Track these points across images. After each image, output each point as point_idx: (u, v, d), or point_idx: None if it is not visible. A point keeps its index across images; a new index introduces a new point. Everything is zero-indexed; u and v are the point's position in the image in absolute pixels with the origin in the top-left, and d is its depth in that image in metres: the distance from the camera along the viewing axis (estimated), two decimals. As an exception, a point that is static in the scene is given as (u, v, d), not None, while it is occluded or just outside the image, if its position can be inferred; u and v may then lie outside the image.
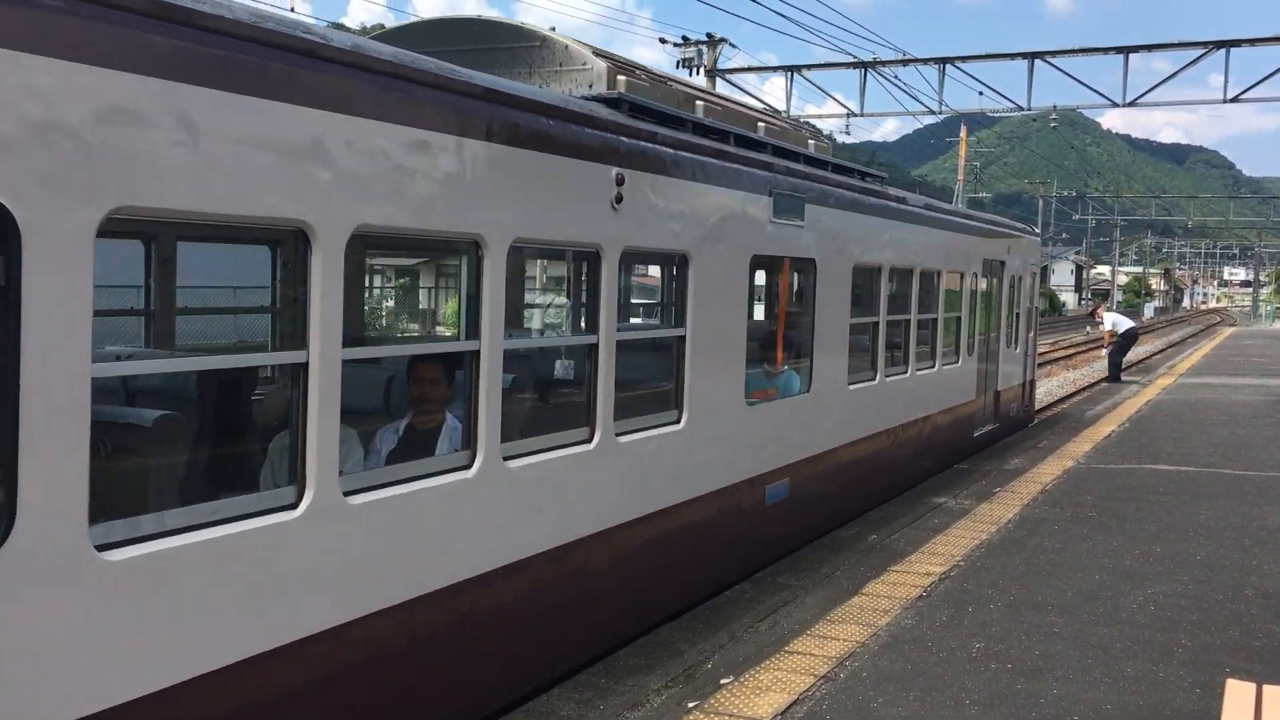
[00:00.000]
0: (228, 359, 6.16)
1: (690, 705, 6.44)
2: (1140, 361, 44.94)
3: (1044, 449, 16.92)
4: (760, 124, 10.05)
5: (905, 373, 13.28)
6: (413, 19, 9.54)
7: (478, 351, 6.04)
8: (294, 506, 4.91)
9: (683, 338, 8.20)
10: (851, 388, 11.47)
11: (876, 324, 12.20)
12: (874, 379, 12.14)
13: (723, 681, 6.83)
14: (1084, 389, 33.16)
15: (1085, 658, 7.35)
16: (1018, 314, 19.09)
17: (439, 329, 18.97)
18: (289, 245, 5.07)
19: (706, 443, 8.58)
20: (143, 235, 6.32)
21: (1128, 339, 27.63)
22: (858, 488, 11.96)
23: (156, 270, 6.49)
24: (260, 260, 6.96)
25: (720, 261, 8.58)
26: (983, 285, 16.72)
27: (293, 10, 20.20)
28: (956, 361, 15.41)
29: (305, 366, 4.92)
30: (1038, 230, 22.11)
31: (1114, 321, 28.03)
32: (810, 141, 11.20)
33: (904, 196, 13.33)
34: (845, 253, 11.07)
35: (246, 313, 8.58)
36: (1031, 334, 20.56)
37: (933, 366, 14.31)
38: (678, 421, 8.16)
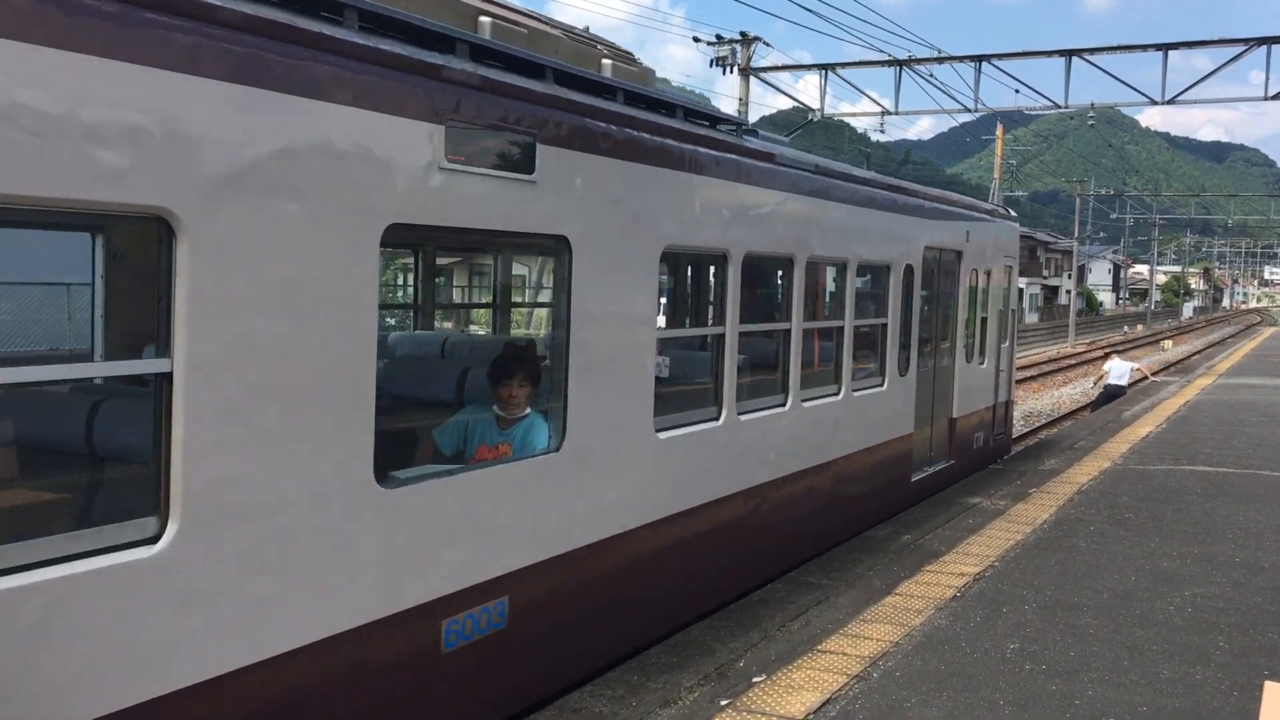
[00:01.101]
0: None
1: (723, 703, 6.45)
2: (1179, 362, 44.50)
3: (1080, 449, 16.78)
4: (484, 18, 6.41)
5: (783, 405, 9.50)
6: None
7: None
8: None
9: (169, 376, 4.38)
10: (667, 435, 7.70)
11: (720, 338, 8.45)
12: (717, 418, 8.40)
13: (755, 680, 6.83)
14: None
15: (1121, 659, 7.29)
16: (984, 319, 15.10)
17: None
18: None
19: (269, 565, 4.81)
20: None
21: (1110, 395, 24.62)
22: (679, 586, 8.09)
23: None
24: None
25: (285, 233, 4.78)
26: (925, 282, 12.89)
27: None
28: (881, 384, 11.62)
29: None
30: (1013, 213, 17.35)
31: (1111, 368, 25.01)
32: (606, 61, 7.56)
33: (775, 152, 9.23)
34: (642, 230, 7.26)
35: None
36: (1007, 344, 16.49)
37: (836, 394, 10.56)
38: (155, 540, 4.35)
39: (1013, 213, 17.42)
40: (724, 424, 8.49)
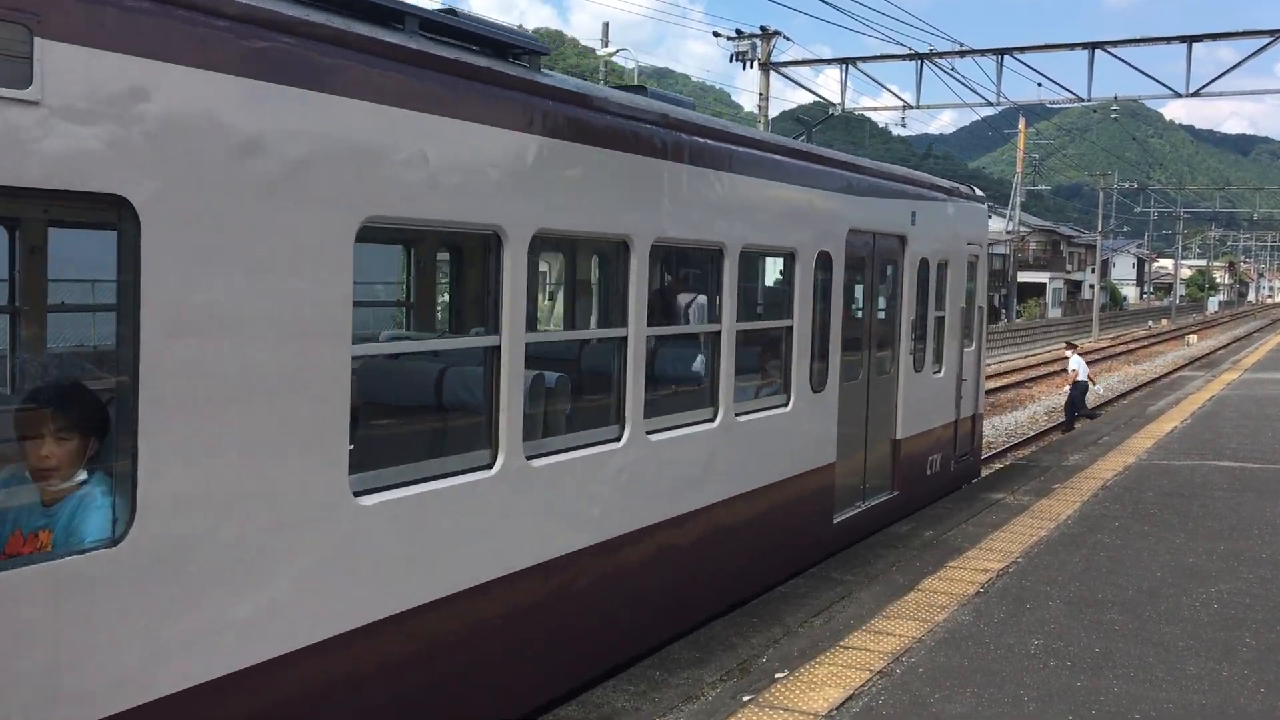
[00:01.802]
0: None
1: (745, 699, 6.44)
2: (1205, 357, 44.20)
3: (1104, 445, 16.68)
4: None
5: (616, 440, 7.00)
6: None
7: None
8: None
9: None
10: (378, 500, 5.26)
11: (494, 351, 6.01)
12: (491, 465, 5.95)
13: (777, 676, 6.81)
14: (1145, 384, 32.68)
15: (1146, 655, 7.24)
16: (940, 319, 12.65)
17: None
18: None
19: None
20: None
21: (1080, 389, 23.83)
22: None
23: None
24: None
25: None
26: (854, 274, 10.44)
27: None
28: (784, 404, 9.07)
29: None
30: (978, 191, 14.77)
31: (1076, 366, 23.94)
32: None
33: (593, 96, 6.83)
34: (309, 195, 4.82)
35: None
36: (974, 348, 13.97)
37: (710, 420, 8.01)
38: None
39: (979, 191, 14.79)
40: (500, 474, 5.96)
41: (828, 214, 9.71)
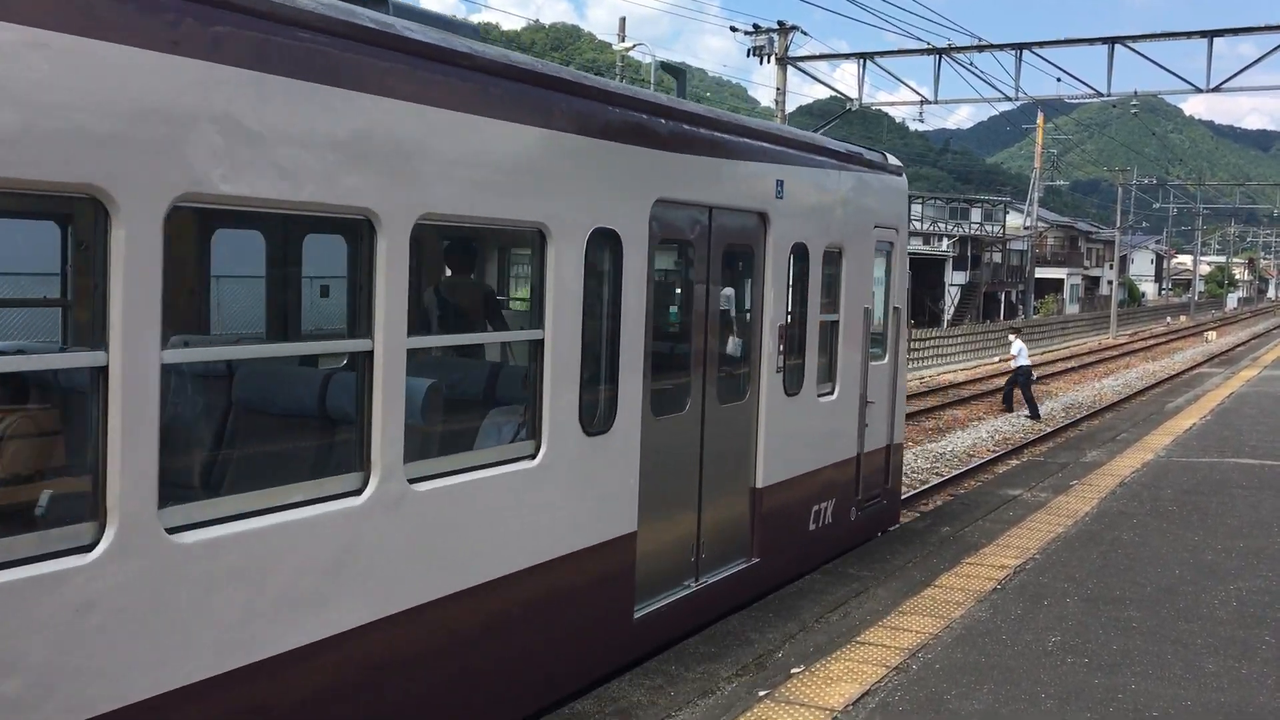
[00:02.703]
0: None
1: (761, 694, 6.44)
2: (1224, 354, 43.96)
3: (1123, 441, 16.61)
4: None
5: (110, 547, 4.13)
6: None
7: None
8: None
9: None
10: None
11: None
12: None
13: (793, 671, 6.82)
14: (1164, 380, 32.53)
15: (1164, 653, 7.21)
16: (833, 324, 9.74)
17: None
18: None
19: None
20: None
21: (1024, 377, 25.01)
22: None
23: None
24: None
25: None
26: (668, 262, 8.08)
27: None
28: (530, 456, 6.23)
29: None
30: (893, 160, 11.32)
31: (1019, 350, 25.28)
32: None
33: None
34: None
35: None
36: (888, 360, 10.91)
37: (356, 492, 5.17)
38: None
39: (893, 159, 11.29)
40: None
41: (610, 174, 6.77)
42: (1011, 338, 26.48)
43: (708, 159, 7.85)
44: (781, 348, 8.80)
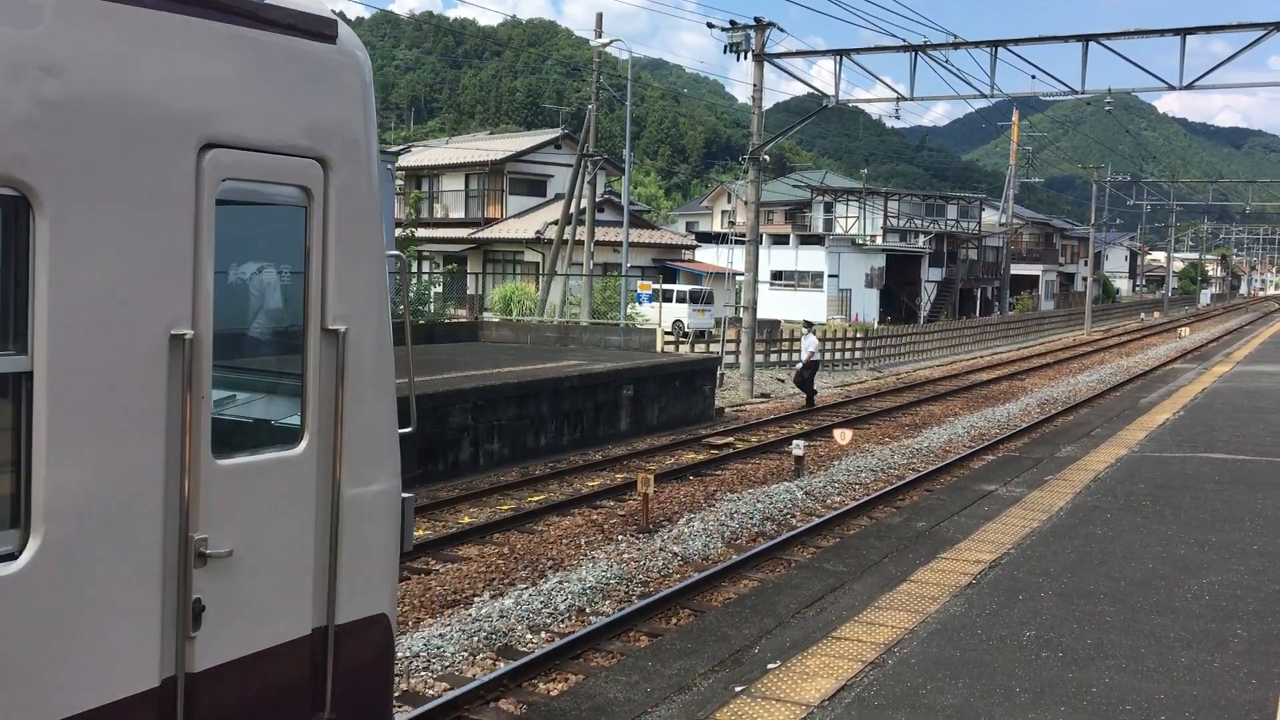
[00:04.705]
0: None
1: (737, 689, 6.44)
2: (1197, 349, 44.28)
3: (1097, 437, 16.70)
4: None
5: None
6: None
7: None
8: None
9: None
10: None
11: None
12: None
13: (769, 666, 6.82)
14: (1138, 376, 32.76)
15: (1138, 647, 7.25)
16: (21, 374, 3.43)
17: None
18: None
19: None
20: None
21: (812, 370, 27.18)
22: None
23: None
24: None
25: None
26: None
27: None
28: None
29: None
30: (330, 12, 4.32)
31: (812, 347, 27.51)
32: None
33: None
34: None
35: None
36: (310, 449, 4.30)
37: None
38: None
39: (342, 26, 4.38)
40: None
41: None
42: (805, 331, 28.38)
43: None
44: None
